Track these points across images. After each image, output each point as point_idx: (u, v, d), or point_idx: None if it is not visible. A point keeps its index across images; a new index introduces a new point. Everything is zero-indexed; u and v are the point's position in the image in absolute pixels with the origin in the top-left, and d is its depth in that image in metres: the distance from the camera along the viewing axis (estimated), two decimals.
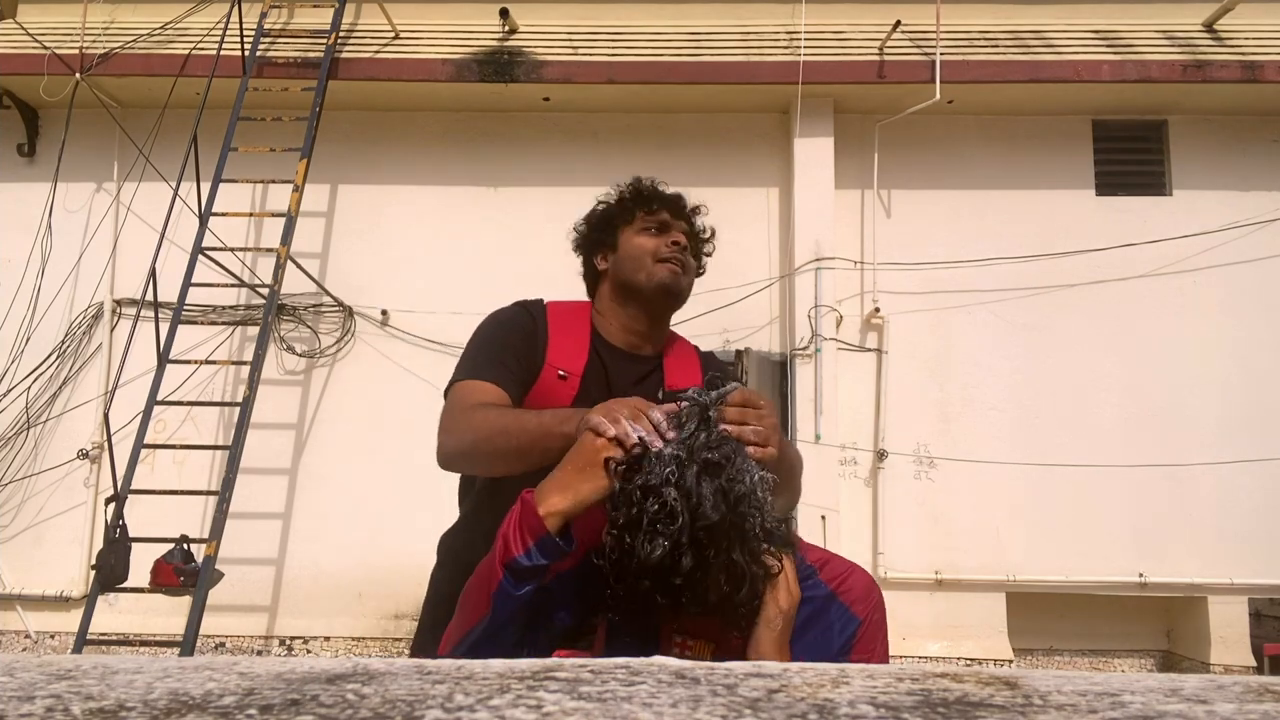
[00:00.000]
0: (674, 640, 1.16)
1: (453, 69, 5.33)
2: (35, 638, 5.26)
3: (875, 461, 5.33)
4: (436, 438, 1.47)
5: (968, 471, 5.15)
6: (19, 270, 5.42)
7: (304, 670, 0.40)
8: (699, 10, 5.46)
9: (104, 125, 5.53)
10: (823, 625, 1.19)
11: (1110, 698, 0.36)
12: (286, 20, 5.49)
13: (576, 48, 5.38)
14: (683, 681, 0.38)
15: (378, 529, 5.23)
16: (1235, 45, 5.25)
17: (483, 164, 5.67)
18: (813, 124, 5.43)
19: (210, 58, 5.07)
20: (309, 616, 5.22)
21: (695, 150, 5.62)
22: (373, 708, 0.34)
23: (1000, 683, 0.38)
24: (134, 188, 5.48)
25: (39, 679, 0.38)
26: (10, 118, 5.72)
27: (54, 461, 5.35)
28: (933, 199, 5.54)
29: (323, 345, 5.51)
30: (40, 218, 5.44)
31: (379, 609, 5.23)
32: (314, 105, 5.03)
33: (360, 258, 5.57)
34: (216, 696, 0.36)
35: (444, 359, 5.37)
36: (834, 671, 0.40)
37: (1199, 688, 0.38)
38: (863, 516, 5.29)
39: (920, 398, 5.31)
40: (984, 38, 5.32)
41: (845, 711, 0.34)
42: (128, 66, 5.36)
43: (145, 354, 4.62)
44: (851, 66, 5.27)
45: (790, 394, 5.32)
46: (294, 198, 4.85)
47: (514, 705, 0.34)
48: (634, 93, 5.43)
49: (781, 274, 5.48)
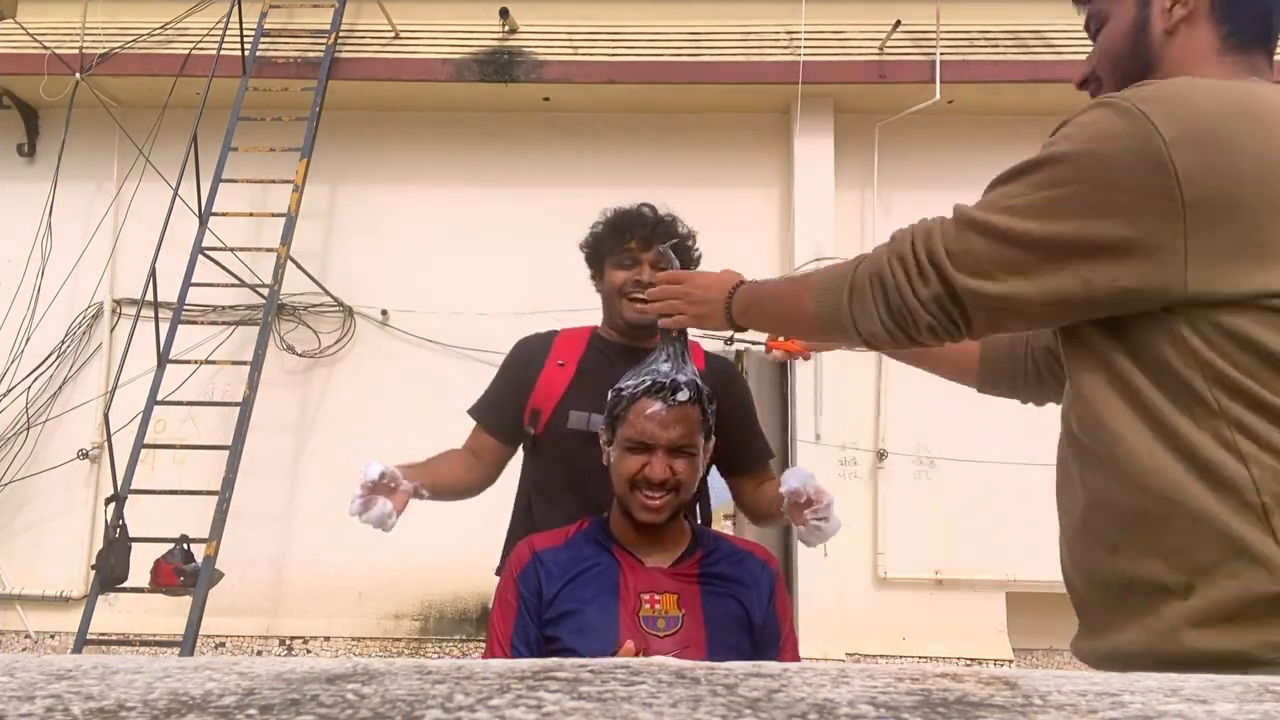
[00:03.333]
0: (641, 598, 1.46)
1: (453, 69, 5.33)
2: (35, 638, 5.26)
3: (875, 461, 5.33)
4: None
5: (968, 471, 5.14)
6: (19, 270, 5.42)
7: (304, 670, 0.40)
8: (699, 10, 5.46)
9: (104, 125, 5.53)
10: (749, 565, 1.56)
11: (1110, 698, 0.36)
12: (286, 20, 5.49)
13: (576, 48, 5.38)
14: (683, 681, 0.38)
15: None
16: None
17: (483, 164, 5.67)
18: (813, 124, 5.43)
19: (210, 58, 5.07)
20: (309, 616, 5.22)
21: (695, 150, 5.62)
22: (373, 708, 0.34)
23: (1000, 683, 0.38)
24: (134, 188, 5.47)
25: (39, 679, 0.38)
26: (10, 118, 5.72)
27: (54, 462, 5.35)
28: (933, 199, 5.48)
29: (323, 345, 5.51)
30: (40, 218, 5.44)
31: (379, 609, 5.23)
32: (314, 105, 5.03)
33: (360, 258, 5.57)
34: (216, 696, 0.36)
35: (444, 359, 5.37)
36: (834, 671, 0.40)
37: (1199, 688, 0.38)
38: (863, 516, 5.29)
39: (920, 398, 5.31)
40: (984, 38, 5.32)
41: (845, 711, 0.34)
42: (128, 66, 5.36)
43: (145, 354, 4.61)
44: (851, 66, 5.27)
45: (790, 394, 5.32)
46: (294, 198, 4.85)
47: (514, 705, 0.34)
48: (634, 93, 5.43)
49: (782, 274, 5.48)
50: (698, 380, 1.52)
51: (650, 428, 1.46)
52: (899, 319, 1.00)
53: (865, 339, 1.05)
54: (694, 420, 1.49)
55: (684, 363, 1.53)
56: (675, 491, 1.48)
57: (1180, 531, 0.90)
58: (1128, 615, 0.96)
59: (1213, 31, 0.98)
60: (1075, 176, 0.88)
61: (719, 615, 1.48)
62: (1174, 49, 0.99)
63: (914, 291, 0.97)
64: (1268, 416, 0.86)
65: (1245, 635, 0.86)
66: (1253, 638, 0.86)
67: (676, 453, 1.48)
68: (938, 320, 0.97)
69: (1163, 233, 0.85)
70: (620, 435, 1.51)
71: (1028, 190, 0.91)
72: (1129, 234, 0.86)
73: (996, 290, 0.92)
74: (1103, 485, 0.97)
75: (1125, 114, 0.87)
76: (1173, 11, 0.99)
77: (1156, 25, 1.00)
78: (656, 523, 1.49)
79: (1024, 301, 0.92)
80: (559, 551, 1.53)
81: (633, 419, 1.48)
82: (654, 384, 1.48)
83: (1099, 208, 0.87)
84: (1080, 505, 1.02)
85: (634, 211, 1.81)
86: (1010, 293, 0.92)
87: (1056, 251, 0.89)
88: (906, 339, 1.01)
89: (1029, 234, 0.90)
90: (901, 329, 1.00)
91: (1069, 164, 0.89)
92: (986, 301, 0.93)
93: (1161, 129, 0.84)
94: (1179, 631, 0.90)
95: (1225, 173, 0.84)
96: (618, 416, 1.51)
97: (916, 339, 1.00)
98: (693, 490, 1.54)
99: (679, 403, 1.47)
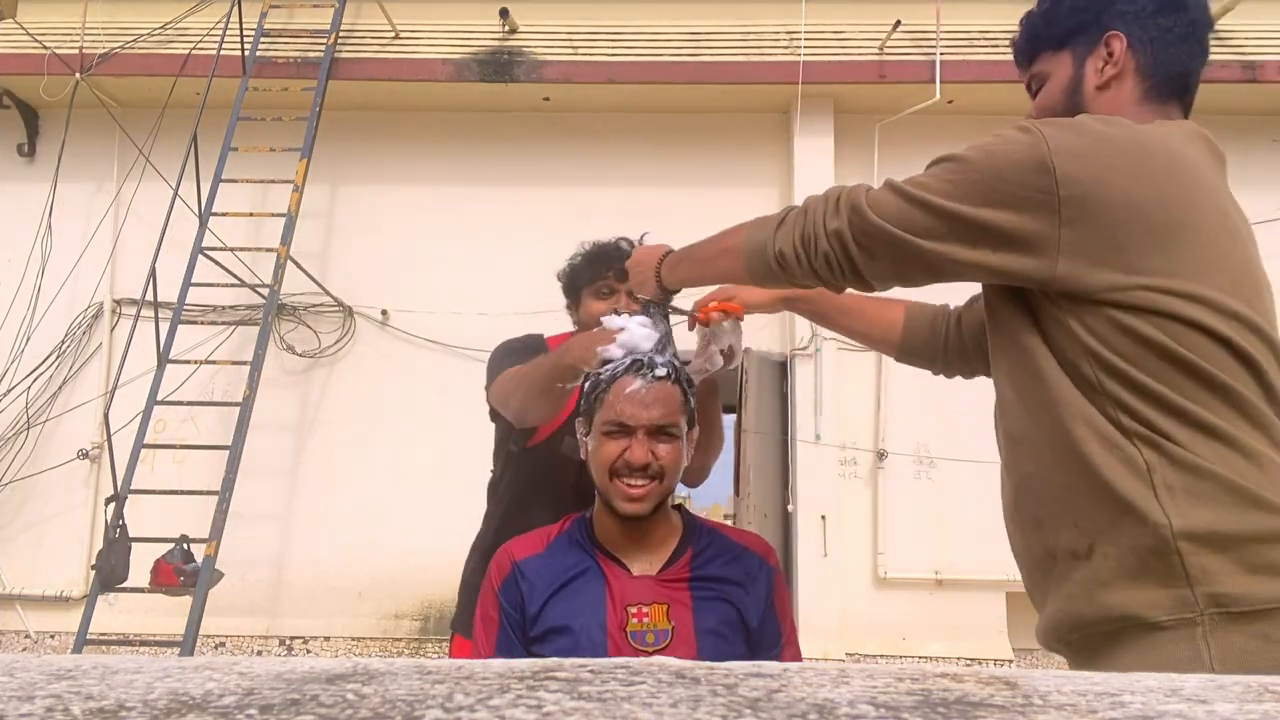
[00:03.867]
0: (629, 611, 1.40)
1: (453, 69, 5.33)
2: (35, 638, 5.26)
3: (875, 461, 5.33)
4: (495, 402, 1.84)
5: (968, 471, 5.14)
6: (19, 270, 5.42)
7: (304, 670, 0.40)
8: (699, 10, 5.46)
9: (104, 125, 5.53)
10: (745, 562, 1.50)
11: (1110, 698, 0.36)
12: (286, 20, 5.49)
13: (576, 48, 5.38)
14: (683, 681, 0.38)
15: (378, 529, 5.23)
16: (1235, 45, 5.25)
17: (483, 164, 5.67)
18: (813, 124, 5.43)
19: (210, 58, 5.07)
20: (309, 616, 5.22)
21: (695, 150, 5.62)
22: (373, 708, 0.34)
23: (1000, 683, 0.38)
24: (134, 188, 5.47)
25: (39, 679, 0.38)
26: (10, 118, 5.72)
27: (54, 462, 5.35)
28: None
29: (323, 345, 5.51)
30: (40, 218, 5.44)
31: (379, 609, 5.23)
32: (314, 105, 5.03)
33: (360, 258, 5.57)
34: (216, 696, 0.36)
35: (444, 359, 5.37)
36: (834, 671, 0.40)
37: (1199, 688, 0.38)
38: (863, 516, 5.29)
39: (920, 398, 5.31)
40: (984, 38, 5.32)
41: (845, 711, 0.34)
42: (128, 66, 5.36)
43: (145, 354, 4.62)
44: (851, 66, 5.27)
45: (790, 394, 5.32)
46: (294, 198, 4.85)
47: (514, 705, 0.34)
48: (634, 93, 5.43)
49: None
50: (676, 362, 1.47)
51: (629, 408, 1.41)
52: (805, 242, 1.15)
53: (775, 259, 1.19)
54: (675, 400, 1.44)
55: (665, 344, 1.50)
56: (658, 479, 1.41)
57: (1084, 497, 1.03)
58: (1054, 585, 1.08)
59: (1136, 86, 1.17)
60: (975, 169, 1.05)
61: (711, 624, 1.41)
62: (1103, 101, 1.18)
63: (824, 222, 1.13)
64: (1141, 395, 1.00)
65: (1137, 592, 0.98)
66: (1144, 596, 0.97)
67: (658, 435, 1.41)
68: (832, 250, 1.12)
69: (1040, 223, 1.01)
70: (598, 420, 1.45)
71: (941, 174, 1.07)
72: (1015, 221, 1.02)
73: (899, 235, 1.07)
74: (1025, 466, 1.12)
75: (1025, 130, 1.04)
76: (1104, 71, 1.18)
77: (1090, 81, 1.19)
78: (640, 515, 1.41)
79: (917, 249, 1.06)
80: (540, 560, 1.46)
81: (611, 400, 1.43)
82: (632, 362, 1.43)
83: (993, 196, 1.03)
84: (1010, 490, 1.16)
85: (611, 245, 1.91)
86: (910, 242, 1.06)
87: (954, 224, 1.05)
88: (801, 265, 1.16)
89: (936, 204, 1.05)
90: (805, 251, 1.15)
91: (975, 162, 1.05)
92: (888, 239, 1.08)
93: (1050, 141, 1.01)
94: (1089, 591, 1.02)
95: (1096, 180, 1.00)
96: (596, 400, 1.46)
97: (810, 264, 1.15)
98: (677, 479, 1.48)
99: (658, 379, 1.42)
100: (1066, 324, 1.04)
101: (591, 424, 1.47)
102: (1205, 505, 0.96)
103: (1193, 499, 0.96)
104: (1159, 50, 1.16)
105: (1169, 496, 0.97)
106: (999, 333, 1.17)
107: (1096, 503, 1.01)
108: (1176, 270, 1.00)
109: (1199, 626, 0.94)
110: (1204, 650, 0.93)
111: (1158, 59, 1.16)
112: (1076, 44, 1.20)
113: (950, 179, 1.06)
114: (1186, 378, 0.99)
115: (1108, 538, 1.00)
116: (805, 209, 1.17)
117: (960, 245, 1.05)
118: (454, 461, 4.91)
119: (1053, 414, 1.05)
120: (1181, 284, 1.00)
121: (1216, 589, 0.94)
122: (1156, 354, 1.00)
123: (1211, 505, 0.96)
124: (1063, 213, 1.00)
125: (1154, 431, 0.99)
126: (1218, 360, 0.99)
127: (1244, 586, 0.93)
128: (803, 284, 1.24)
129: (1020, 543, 1.16)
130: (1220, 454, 0.98)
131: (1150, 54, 1.16)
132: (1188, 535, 0.95)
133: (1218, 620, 0.93)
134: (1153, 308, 0.99)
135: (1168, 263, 1.00)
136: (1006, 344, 1.14)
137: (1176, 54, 1.17)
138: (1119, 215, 1.00)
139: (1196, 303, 0.99)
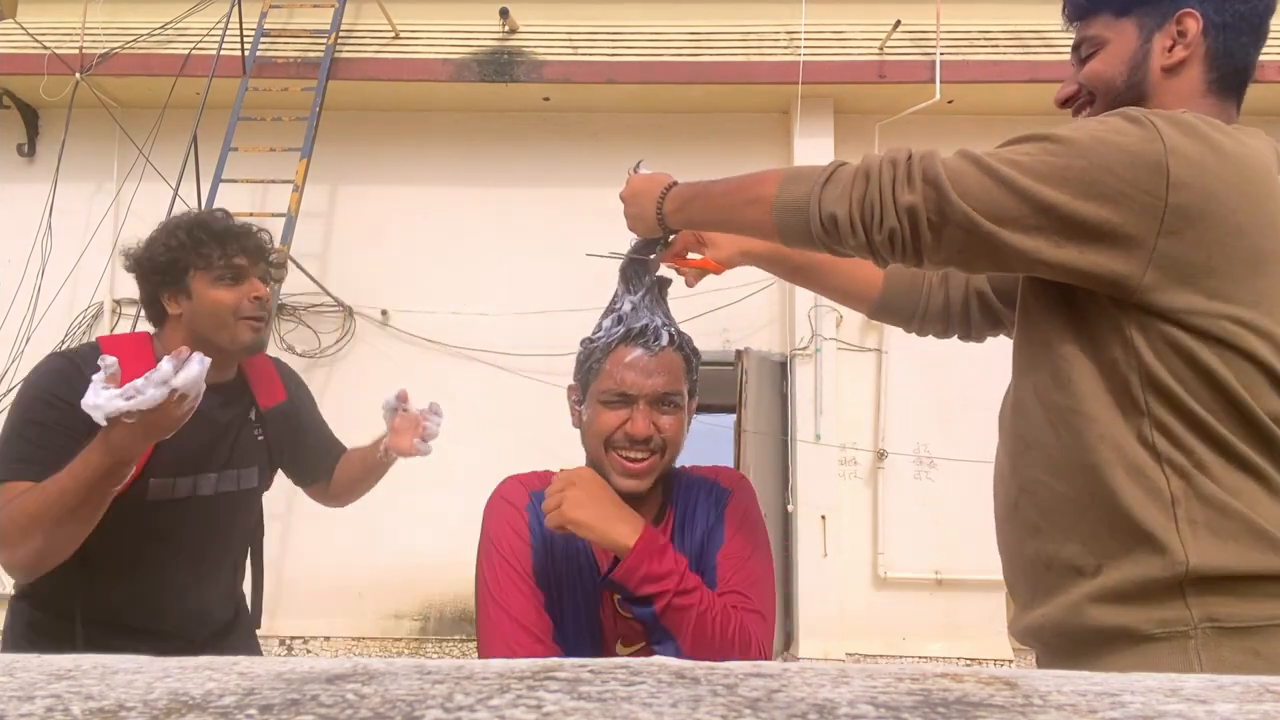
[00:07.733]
0: (615, 649, 1.32)
1: (453, 69, 5.33)
2: None
3: (875, 461, 5.33)
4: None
5: (968, 471, 5.14)
6: (19, 270, 5.42)
7: (304, 670, 0.40)
8: (699, 10, 5.46)
9: (104, 125, 5.53)
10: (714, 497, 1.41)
11: (1110, 698, 0.36)
12: (286, 20, 5.49)
13: (576, 48, 5.38)
14: (683, 681, 0.38)
15: (378, 529, 5.23)
16: None
17: (483, 164, 5.67)
18: (813, 124, 5.43)
19: (210, 58, 5.08)
20: (309, 616, 5.22)
21: (695, 150, 5.62)
22: (373, 708, 0.34)
23: (1000, 683, 0.38)
24: (134, 188, 5.47)
25: (39, 679, 0.38)
26: (10, 118, 5.72)
27: None
28: None
29: (323, 345, 5.51)
30: (40, 218, 5.44)
31: (379, 609, 5.23)
32: (314, 105, 5.04)
33: (360, 258, 5.58)
34: (216, 696, 0.36)
35: (444, 359, 5.37)
36: (834, 671, 0.40)
37: (1199, 688, 0.38)
38: (863, 516, 5.29)
39: (920, 398, 5.31)
40: (984, 38, 5.32)
41: (845, 711, 0.34)
42: (128, 66, 5.36)
43: None
44: (851, 66, 5.27)
45: (790, 394, 5.32)
46: (294, 198, 4.85)
47: (514, 705, 0.34)
48: (634, 93, 5.43)
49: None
50: (676, 327, 1.37)
51: (631, 376, 1.30)
52: (865, 211, 0.99)
53: (823, 223, 1.02)
54: (679, 368, 1.34)
55: (656, 305, 1.37)
56: (660, 453, 1.31)
57: (1098, 519, 0.99)
58: (1045, 592, 1.05)
59: (1202, 76, 1.07)
60: (1080, 155, 0.93)
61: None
62: (1168, 86, 1.07)
63: (894, 193, 0.97)
64: (1186, 421, 0.95)
65: (1134, 612, 0.96)
66: (1141, 614, 0.95)
67: (661, 405, 1.31)
68: (900, 228, 0.97)
69: (1140, 226, 0.92)
70: (594, 389, 1.34)
71: (1038, 152, 0.95)
72: (1112, 218, 0.92)
73: (980, 224, 0.94)
74: (1033, 472, 1.06)
75: (1136, 121, 0.94)
76: (1173, 52, 1.06)
77: (1156, 61, 1.07)
78: (638, 491, 1.29)
79: (998, 242, 0.95)
80: (538, 520, 1.33)
81: (610, 369, 1.32)
82: (630, 330, 1.33)
83: (1093, 187, 0.92)
84: (1013, 491, 1.11)
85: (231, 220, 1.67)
86: (992, 233, 0.95)
87: (1047, 216, 0.93)
88: (856, 236, 1.01)
89: (1030, 189, 0.93)
90: (862, 221, 1.00)
91: (1077, 144, 0.94)
92: (967, 226, 0.95)
93: (1166, 140, 0.92)
94: (1081, 607, 1.00)
95: (1207, 194, 0.92)
96: (591, 369, 1.35)
97: (869, 238, 1.00)
98: (678, 453, 1.37)
99: (663, 348, 1.32)
100: (1128, 335, 0.96)
101: (586, 393, 1.37)
102: (1226, 546, 0.93)
103: (1215, 538, 0.93)
104: (1230, 38, 1.05)
105: (1190, 532, 0.94)
106: (1030, 331, 1.08)
107: (1111, 528, 0.98)
108: (1258, 303, 0.94)
109: (1192, 640, 0.94)
110: (1195, 663, 0.93)
111: (1227, 47, 1.05)
112: (1145, 14, 1.07)
113: (1049, 160, 0.94)
114: (1233, 412, 0.94)
115: (1117, 563, 0.97)
116: (866, 172, 1.00)
117: (1048, 242, 0.94)
118: (454, 461, 4.91)
119: (1074, 428, 1.00)
120: (1257, 318, 0.94)
121: (1214, 610, 0.94)
122: (1210, 385, 0.94)
123: (1232, 546, 0.93)
124: (1166, 220, 0.91)
125: (1189, 460, 0.95)
126: (1269, 402, 0.94)
127: (1241, 608, 0.93)
128: (841, 253, 1.06)
129: (1012, 543, 1.13)
130: (1252, 492, 0.94)
131: (1221, 41, 1.05)
132: (1201, 574, 0.93)
133: (1210, 634, 0.93)
134: (1223, 337, 0.93)
135: (1253, 294, 0.94)
136: (1036, 346, 1.06)
137: (1245, 45, 1.07)
138: (1219, 235, 0.92)
139: (1267, 340, 0.94)
